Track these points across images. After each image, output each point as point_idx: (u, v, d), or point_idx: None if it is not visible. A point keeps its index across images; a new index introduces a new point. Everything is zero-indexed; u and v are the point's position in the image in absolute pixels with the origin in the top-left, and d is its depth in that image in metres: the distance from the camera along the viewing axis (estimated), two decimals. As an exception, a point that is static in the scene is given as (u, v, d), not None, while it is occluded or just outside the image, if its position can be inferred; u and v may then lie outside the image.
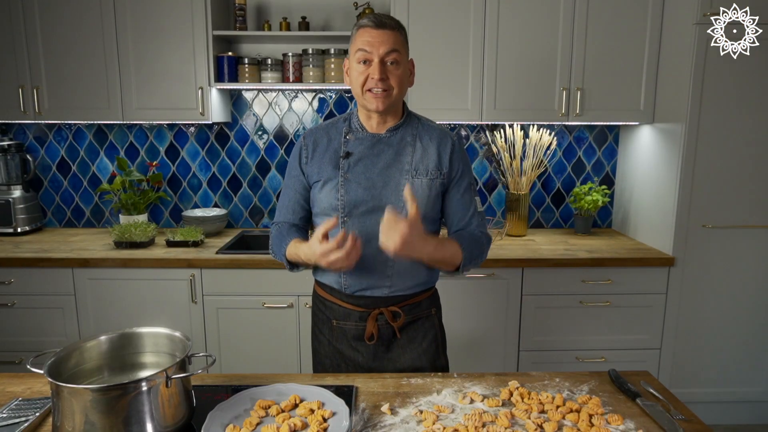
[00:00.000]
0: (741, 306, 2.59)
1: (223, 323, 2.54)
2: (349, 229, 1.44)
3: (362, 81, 1.41)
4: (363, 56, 1.40)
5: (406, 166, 1.47)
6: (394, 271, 1.48)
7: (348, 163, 1.47)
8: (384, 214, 1.33)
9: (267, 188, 3.10)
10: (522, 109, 2.67)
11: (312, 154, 1.52)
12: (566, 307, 2.55)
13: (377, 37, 1.39)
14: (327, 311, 1.58)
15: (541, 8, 2.58)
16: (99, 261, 2.48)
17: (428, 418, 1.12)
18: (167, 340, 1.20)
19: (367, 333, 1.51)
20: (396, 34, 1.41)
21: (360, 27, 1.43)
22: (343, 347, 1.56)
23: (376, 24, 1.40)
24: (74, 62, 2.64)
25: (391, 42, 1.40)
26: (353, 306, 1.52)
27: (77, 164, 3.06)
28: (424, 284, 1.55)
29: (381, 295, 1.50)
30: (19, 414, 1.14)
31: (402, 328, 1.53)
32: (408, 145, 1.49)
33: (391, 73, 1.41)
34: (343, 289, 1.51)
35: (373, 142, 1.48)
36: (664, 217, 2.60)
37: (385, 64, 1.40)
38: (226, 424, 1.09)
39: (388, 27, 1.40)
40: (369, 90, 1.41)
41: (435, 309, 1.61)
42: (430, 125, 1.55)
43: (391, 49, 1.40)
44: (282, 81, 2.78)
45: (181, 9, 2.59)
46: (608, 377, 1.34)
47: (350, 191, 1.45)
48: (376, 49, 1.39)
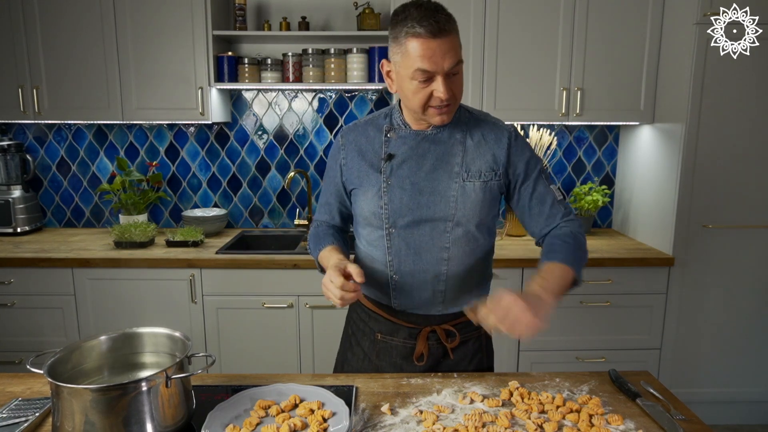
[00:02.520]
0: (741, 306, 2.59)
1: (223, 323, 2.54)
2: (395, 241, 1.33)
3: (423, 99, 1.22)
4: (424, 76, 1.19)
5: (456, 167, 1.31)
6: (447, 286, 1.35)
7: (390, 166, 1.32)
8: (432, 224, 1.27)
9: (267, 188, 3.10)
10: (522, 109, 2.67)
11: (350, 156, 1.37)
12: (566, 307, 2.55)
13: (438, 48, 1.16)
14: (371, 323, 1.44)
15: (541, 8, 2.58)
16: (99, 261, 2.47)
17: (428, 418, 1.12)
18: (167, 340, 1.20)
19: (416, 352, 1.38)
20: (455, 36, 1.19)
21: (411, 35, 1.17)
22: (384, 364, 1.43)
23: (433, 32, 1.15)
24: (74, 62, 2.64)
25: (453, 51, 1.18)
26: (403, 321, 1.40)
27: (77, 164, 3.06)
28: (477, 297, 1.40)
29: (434, 312, 1.38)
30: (19, 414, 1.14)
31: (453, 349, 1.41)
32: (457, 144, 1.32)
33: (455, 83, 1.22)
34: (392, 305, 1.40)
35: (417, 141, 1.32)
36: (664, 217, 2.60)
37: (449, 76, 1.21)
38: (226, 424, 1.09)
39: (446, 31, 1.17)
40: (432, 107, 1.24)
41: (484, 329, 1.48)
42: (481, 119, 1.37)
43: (457, 61, 1.19)
44: (282, 81, 2.78)
45: (181, 9, 2.59)
46: (608, 377, 1.34)
47: (394, 199, 1.31)
48: (439, 66, 1.17)
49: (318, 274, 1.37)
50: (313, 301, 2.51)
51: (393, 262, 1.35)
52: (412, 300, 1.37)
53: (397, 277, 1.36)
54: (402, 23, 1.18)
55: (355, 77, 2.72)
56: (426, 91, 1.21)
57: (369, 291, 1.44)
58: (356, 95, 3.02)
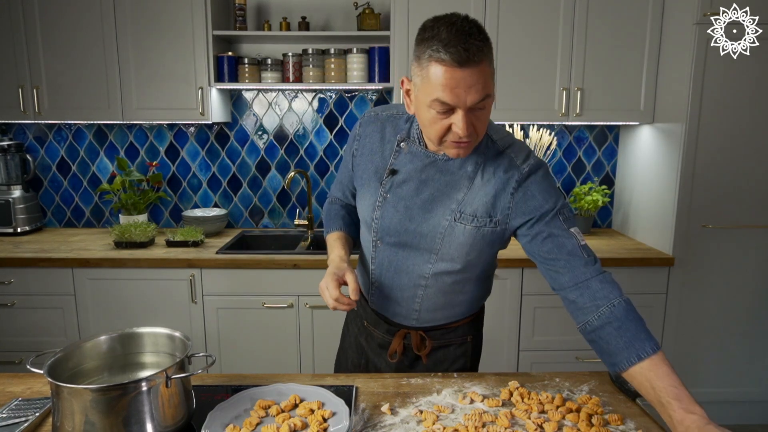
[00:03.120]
0: (741, 306, 2.59)
1: (223, 323, 2.54)
2: (379, 254, 1.33)
3: (440, 132, 1.08)
4: (443, 107, 1.04)
5: (454, 204, 1.20)
6: (422, 307, 1.34)
7: (391, 181, 1.25)
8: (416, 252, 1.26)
9: (267, 188, 3.10)
10: (522, 109, 2.67)
11: (361, 151, 1.31)
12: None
13: (463, 81, 1.00)
14: (361, 309, 1.48)
15: (541, 8, 2.58)
16: (99, 261, 2.47)
17: (428, 418, 1.12)
18: (167, 340, 1.20)
19: (390, 349, 1.41)
20: (485, 66, 1.02)
21: (436, 61, 1.01)
22: (368, 348, 1.48)
23: (459, 61, 0.99)
24: (74, 62, 2.64)
25: (481, 85, 1.02)
26: (381, 318, 1.43)
27: (77, 164, 3.06)
28: (461, 315, 1.40)
29: (407, 324, 1.39)
30: (19, 414, 1.14)
31: (429, 353, 1.41)
32: (465, 178, 1.20)
33: (478, 119, 1.07)
34: (369, 303, 1.43)
35: (425, 164, 1.21)
36: (664, 217, 2.60)
37: (472, 111, 1.05)
38: (226, 424, 1.09)
39: (475, 61, 0.99)
40: (450, 140, 1.10)
41: (472, 336, 1.43)
42: (502, 151, 1.20)
43: (483, 95, 1.03)
44: (282, 81, 2.78)
45: (181, 9, 2.59)
46: (608, 377, 1.34)
47: (385, 216, 1.27)
48: (462, 100, 1.02)
49: (318, 275, 1.38)
50: (313, 301, 2.51)
51: (375, 272, 1.37)
52: (386, 309, 1.40)
53: (377, 285, 1.38)
54: (427, 43, 1.03)
55: (355, 77, 2.72)
56: (444, 123, 1.07)
57: (361, 282, 1.44)
58: (356, 95, 3.02)
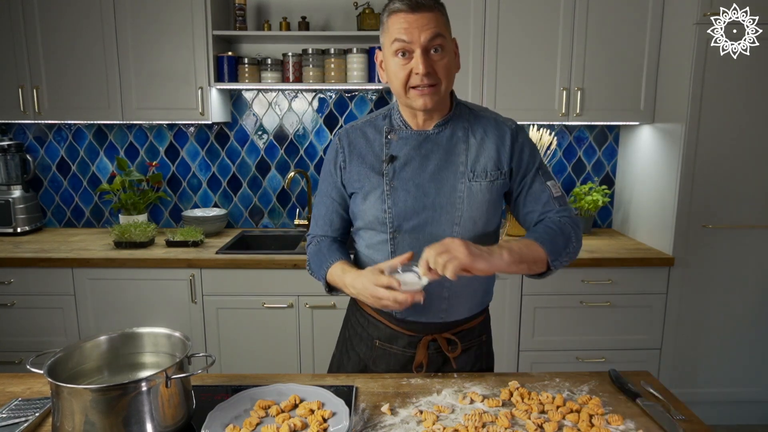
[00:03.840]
0: (741, 306, 2.59)
1: (223, 323, 2.54)
2: (399, 245, 1.29)
3: (404, 77, 1.20)
4: (401, 47, 1.19)
5: (461, 167, 1.28)
6: (452, 293, 1.31)
7: (393, 168, 1.28)
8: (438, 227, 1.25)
9: (267, 188, 3.10)
10: (522, 109, 2.67)
11: (349, 159, 1.33)
12: (566, 307, 2.55)
13: (415, 22, 1.17)
14: (370, 328, 1.40)
15: (541, 8, 2.58)
16: (99, 261, 2.47)
17: (428, 419, 1.12)
18: (167, 340, 1.20)
19: (416, 361, 1.34)
20: (437, 14, 1.19)
21: (392, 12, 1.20)
22: (378, 371, 1.39)
23: (410, 6, 1.17)
24: (74, 62, 2.64)
25: (432, 25, 1.18)
26: (403, 329, 1.35)
27: (77, 164, 3.06)
28: (479, 305, 1.38)
29: (436, 320, 1.33)
30: (19, 414, 1.14)
31: (455, 358, 1.37)
32: (460, 142, 1.29)
33: (437, 63, 1.20)
34: (393, 313, 1.35)
35: (419, 141, 1.29)
36: (664, 217, 2.60)
37: (429, 53, 1.19)
38: (226, 424, 1.09)
39: (426, 8, 1.18)
40: (413, 87, 1.21)
41: (486, 336, 1.44)
42: (482, 115, 1.33)
43: (434, 34, 1.18)
44: (282, 81, 2.78)
45: (181, 9, 2.59)
46: (608, 377, 1.34)
47: (398, 201, 1.27)
48: (416, 38, 1.17)
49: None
50: (312, 301, 2.51)
51: None
52: (414, 307, 1.27)
53: None
54: (387, 6, 1.22)
55: (355, 77, 2.72)
56: (407, 68, 1.20)
57: None
58: (356, 95, 3.02)
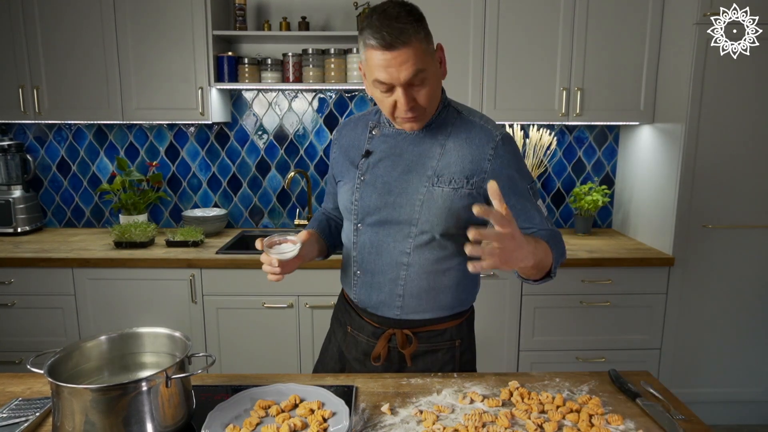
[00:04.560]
0: (741, 306, 2.59)
1: (223, 323, 2.54)
2: (361, 238, 1.34)
3: (389, 108, 1.21)
4: (382, 87, 1.18)
5: (429, 171, 1.26)
6: (406, 291, 1.32)
7: (367, 163, 1.32)
8: (396, 226, 1.28)
9: (267, 188, 3.10)
10: (522, 109, 2.67)
11: (338, 151, 1.42)
12: (566, 307, 2.55)
13: (393, 60, 1.13)
14: (346, 316, 1.46)
15: (541, 8, 2.58)
16: (99, 261, 2.47)
17: (428, 418, 1.12)
18: (167, 340, 1.20)
19: (374, 352, 1.37)
20: (414, 45, 1.13)
21: (368, 47, 1.15)
22: (350, 358, 1.44)
23: (385, 45, 1.12)
24: (74, 62, 2.64)
25: (411, 62, 1.13)
26: (368, 319, 1.40)
27: (77, 164, 3.06)
28: (445, 309, 1.36)
29: (391, 315, 1.35)
30: (19, 414, 1.14)
31: (416, 357, 1.37)
32: (436, 145, 1.27)
33: (419, 94, 1.18)
34: (353, 300, 1.41)
35: (397, 141, 1.31)
36: (664, 217, 2.60)
37: (412, 86, 1.17)
38: (226, 424, 1.09)
39: (401, 43, 1.11)
40: (399, 116, 1.23)
41: (460, 341, 1.40)
42: (471, 120, 1.30)
43: (414, 72, 1.14)
44: (282, 81, 2.78)
45: (181, 9, 2.59)
46: (608, 377, 1.34)
47: (365, 196, 1.31)
48: (395, 78, 1.15)
49: (318, 275, 1.37)
50: (313, 301, 2.51)
51: (357, 258, 1.37)
52: (370, 298, 1.37)
53: (360, 273, 1.38)
54: (363, 32, 1.16)
55: (355, 77, 2.72)
56: (390, 100, 1.19)
57: (343, 282, 1.46)
58: (356, 95, 3.02)
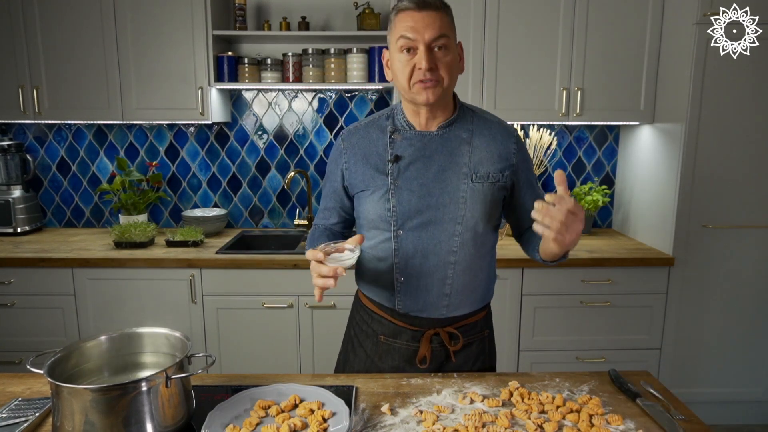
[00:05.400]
0: (741, 306, 2.59)
1: (223, 323, 2.54)
2: (402, 244, 1.33)
3: (408, 72, 1.25)
4: (406, 44, 1.23)
5: (464, 168, 1.31)
6: (453, 289, 1.35)
7: (398, 167, 1.31)
8: (441, 226, 1.29)
9: (267, 188, 3.10)
10: (522, 108, 2.67)
11: (353, 160, 1.37)
12: (566, 307, 2.55)
13: (421, 20, 1.22)
14: (374, 324, 1.43)
15: (541, 8, 2.58)
16: (99, 261, 2.47)
17: (428, 419, 1.12)
18: (167, 340, 1.20)
19: (419, 355, 1.38)
20: (442, 14, 1.24)
21: (399, 11, 1.25)
22: (386, 367, 1.42)
23: (418, 5, 1.23)
24: (74, 62, 2.64)
25: (437, 25, 1.23)
26: (406, 324, 1.39)
27: (77, 164, 3.06)
28: (480, 301, 1.42)
29: (437, 316, 1.37)
30: (19, 414, 1.14)
31: (456, 352, 1.41)
32: (463, 143, 1.33)
33: (440, 61, 1.25)
34: (396, 308, 1.39)
35: (424, 142, 1.32)
36: (664, 217, 2.60)
37: (433, 50, 1.24)
38: (226, 424, 1.09)
39: (433, 7, 1.23)
40: (417, 81, 1.25)
41: (488, 330, 1.47)
42: (488, 119, 1.38)
43: (439, 34, 1.23)
44: (282, 81, 2.78)
45: (181, 9, 2.59)
46: (608, 377, 1.34)
47: (402, 200, 1.31)
48: (420, 35, 1.22)
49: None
50: (313, 301, 2.51)
51: (399, 264, 1.34)
52: (416, 302, 1.36)
53: (402, 279, 1.35)
54: (396, 5, 1.27)
55: (355, 77, 2.72)
56: (411, 63, 1.24)
57: (372, 293, 1.43)
58: (356, 95, 3.02)
